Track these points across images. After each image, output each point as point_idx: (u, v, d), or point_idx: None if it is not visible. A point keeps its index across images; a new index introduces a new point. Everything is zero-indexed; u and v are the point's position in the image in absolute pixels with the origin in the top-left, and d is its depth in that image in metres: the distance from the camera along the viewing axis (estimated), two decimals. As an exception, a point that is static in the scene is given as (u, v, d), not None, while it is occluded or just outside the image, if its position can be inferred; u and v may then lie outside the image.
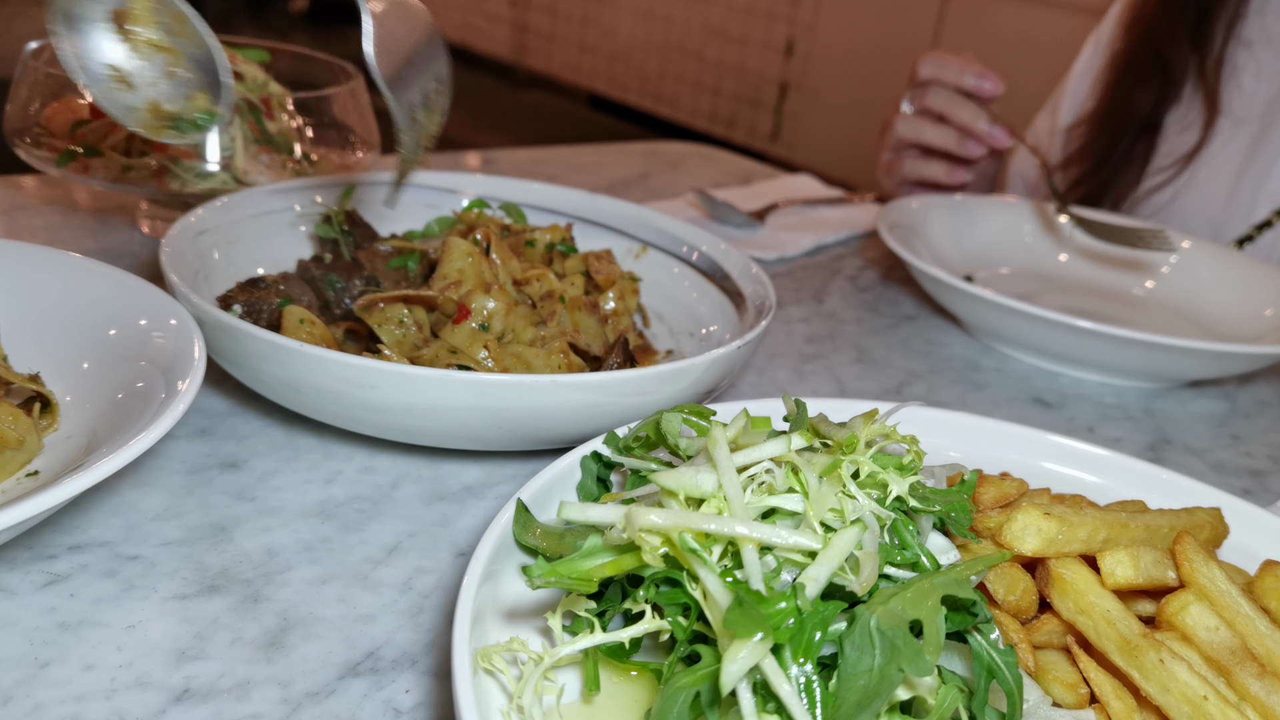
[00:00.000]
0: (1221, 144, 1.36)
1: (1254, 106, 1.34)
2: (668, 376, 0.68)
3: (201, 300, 0.67)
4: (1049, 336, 1.00)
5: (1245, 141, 1.34)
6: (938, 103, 1.32)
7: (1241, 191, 1.34)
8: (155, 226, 1.07)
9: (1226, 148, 1.35)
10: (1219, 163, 1.36)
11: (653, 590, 0.46)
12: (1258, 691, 0.48)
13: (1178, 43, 1.35)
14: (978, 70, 1.30)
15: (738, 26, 5.35)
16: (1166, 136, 1.39)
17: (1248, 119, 1.34)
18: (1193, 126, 1.37)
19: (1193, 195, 1.37)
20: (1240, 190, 1.34)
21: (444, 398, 0.64)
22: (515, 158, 1.60)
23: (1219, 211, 1.36)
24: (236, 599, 0.58)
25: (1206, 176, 1.36)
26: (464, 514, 0.68)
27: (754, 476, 0.49)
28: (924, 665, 0.41)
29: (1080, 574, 0.53)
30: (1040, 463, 0.71)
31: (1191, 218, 1.37)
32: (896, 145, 1.41)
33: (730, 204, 1.37)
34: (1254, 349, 0.96)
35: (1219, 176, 1.36)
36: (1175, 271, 1.28)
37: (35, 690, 0.50)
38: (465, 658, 0.44)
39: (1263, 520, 0.65)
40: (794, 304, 1.15)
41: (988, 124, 1.29)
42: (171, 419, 0.56)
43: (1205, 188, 1.36)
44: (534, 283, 0.83)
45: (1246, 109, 1.35)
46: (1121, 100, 1.41)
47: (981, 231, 1.33)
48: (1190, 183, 1.37)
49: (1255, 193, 1.33)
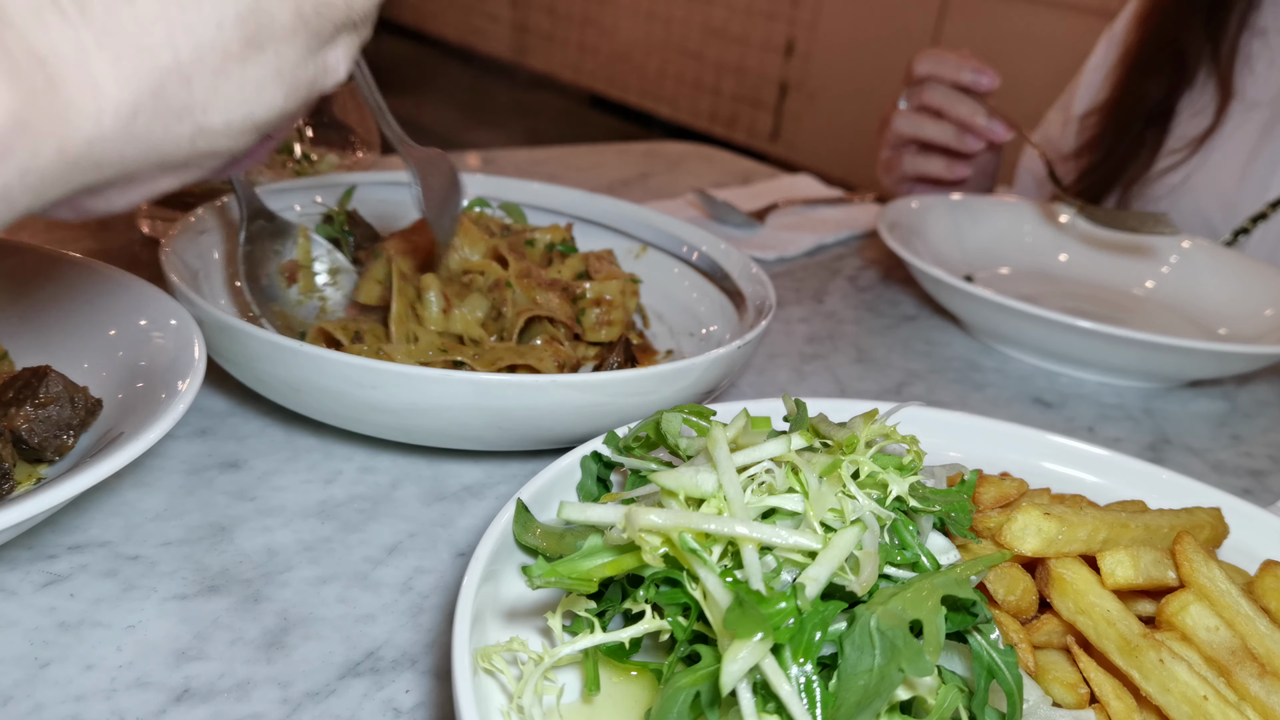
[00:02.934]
0: (1234, 127, 1.37)
1: (1267, 91, 1.36)
2: (668, 376, 0.68)
3: (201, 300, 0.67)
4: (1049, 336, 1.00)
5: (1258, 125, 1.36)
6: (935, 98, 1.32)
7: (1254, 172, 1.35)
8: (155, 226, 1.07)
9: (1239, 131, 1.36)
10: (1231, 145, 1.37)
11: (653, 590, 0.46)
12: (1258, 691, 0.48)
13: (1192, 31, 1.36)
14: (974, 65, 1.30)
15: (738, 26, 5.35)
16: (1179, 122, 1.40)
17: (1261, 103, 1.36)
18: (1205, 111, 1.38)
19: (1205, 177, 1.38)
20: (1253, 171, 1.35)
21: (444, 397, 0.64)
22: (515, 158, 1.60)
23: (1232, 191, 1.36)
24: (236, 599, 0.58)
25: (1219, 159, 1.37)
26: (464, 514, 0.68)
27: (754, 476, 0.49)
28: (924, 665, 0.41)
29: (1080, 574, 0.53)
30: (1040, 463, 0.71)
31: (1204, 198, 1.38)
32: (895, 142, 1.41)
33: (730, 204, 1.38)
34: (1254, 349, 0.96)
35: (1231, 159, 1.37)
36: (1175, 271, 1.28)
37: (35, 690, 0.50)
38: (465, 658, 0.44)
39: (1263, 520, 0.65)
40: (794, 304, 1.15)
41: (986, 118, 1.29)
42: (171, 419, 0.56)
43: (1217, 170, 1.37)
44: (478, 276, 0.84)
45: (1260, 93, 1.36)
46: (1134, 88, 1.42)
47: (982, 231, 1.33)
48: (1202, 165, 1.38)
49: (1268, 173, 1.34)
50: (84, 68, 0.34)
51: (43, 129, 0.33)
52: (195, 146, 0.40)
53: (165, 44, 0.36)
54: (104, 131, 0.35)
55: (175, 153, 0.39)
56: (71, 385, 0.62)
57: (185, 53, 0.37)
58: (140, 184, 0.40)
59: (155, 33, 0.36)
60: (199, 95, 0.38)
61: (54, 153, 0.34)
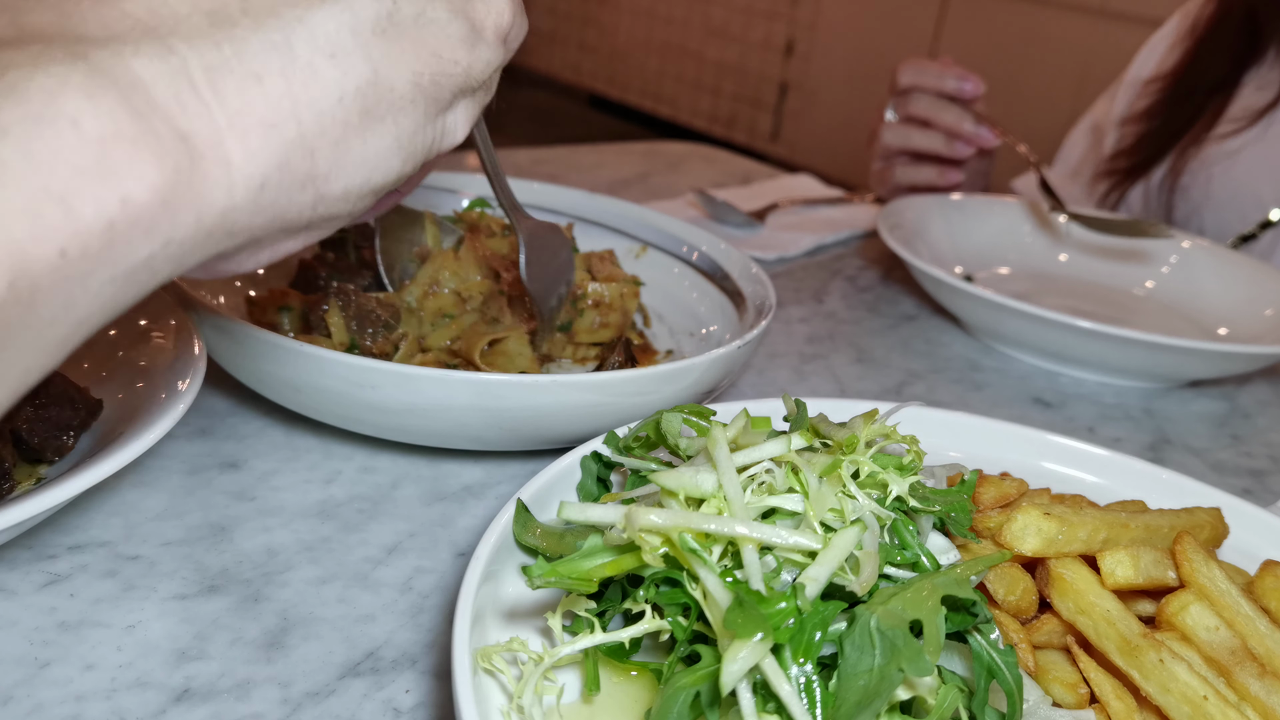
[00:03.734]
0: None
1: None
2: (668, 376, 0.68)
3: (201, 300, 0.67)
4: (1049, 336, 1.00)
5: None
6: (920, 108, 1.33)
7: None
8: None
9: None
10: None
11: (653, 590, 0.46)
12: (1258, 691, 0.48)
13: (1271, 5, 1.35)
14: (958, 73, 1.31)
15: (738, 26, 5.36)
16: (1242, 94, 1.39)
17: None
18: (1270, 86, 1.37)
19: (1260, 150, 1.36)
20: None
21: (444, 398, 0.64)
22: (515, 158, 1.60)
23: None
24: (236, 599, 0.58)
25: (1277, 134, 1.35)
26: (464, 514, 0.68)
27: (754, 476, 0.49)
28: (924, 665, 0.41)
29: (1080, 574, 0.53)
30: (1040, 463, 0.71)
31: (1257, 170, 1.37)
32: (885, 154, 1.42)
33: (730, 204, 1.38)
34: (1254, 349, 0.96)
35: None
36: (1175, 272, 1.28)
37: (35, 690, 0.50)
38: (465, 658, 0.44)
39: (1263, 520, 0.65)
40: (794, 304, 1.15)
41: (973, 125, 1.30)
42: (171, 419, 0.56)
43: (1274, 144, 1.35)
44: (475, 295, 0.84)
45: None
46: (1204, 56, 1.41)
47: (981, 231, 1.33)
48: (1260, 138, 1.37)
49: None
50: (219, 146, 0.36)
51: (184, 203, 0.35)
52: (316, 212, 0.42)
53: (290, 119, 0.39)
54: (235, 203, 0.38)
55: (298, 219, 0.42)
56: (72, 385, 0.62)
57: (309, 126, 0.39)
58: (265, 247, 0.43)
59: (281, 109, 0.38)
60: (321, 166, 0.40)
61: (192, 225, 0.36)
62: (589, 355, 0.87)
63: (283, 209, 0.40)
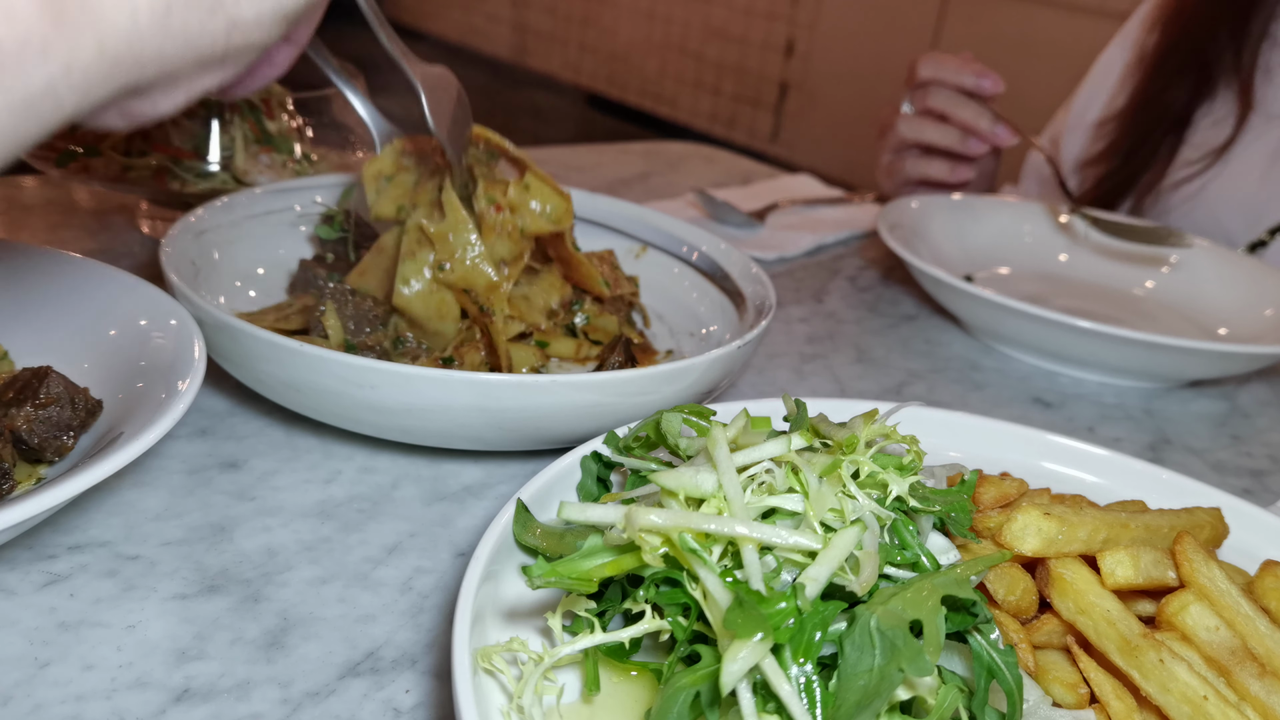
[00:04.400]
0: (1253, 139, 1.36)
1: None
2: (668, 376, 0.68)
3: (201, 300, 0.67)
4: (1049, 336, 1.00)
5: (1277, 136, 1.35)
6: (939, 103, 1.32)
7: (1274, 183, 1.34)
8: (155, 226, 1.07)
9: (1258, 142, 1.36)
10: (1250, 155, 1.36)
11: (653, 590, 0.46)
12: (1258, 691, 0.48)
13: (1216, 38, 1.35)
14: (977, 69, 1.30)
15: (738, 26, 5.35)
16: (1196, 130, 1.39)
17: None
18: (1223, 122, 1.37)
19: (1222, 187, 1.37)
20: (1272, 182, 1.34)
21: (444, 398, 0.64)
22: (515, 158, 1.59)
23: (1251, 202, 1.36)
24: (236, 599, 0.58)
25: (1237, 170, 1.36)
26: (464, 514, 0.68)
27: (754, 476, 0.49)
28: (924, 665, 0.41)
29: (1080, 574, 0.53)
30: (1040, 463, 0.71)
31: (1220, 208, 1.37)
32: (897, 146, 1.41)
33: (730, 204, 1.38)
34: (1254, 349, 0.96)
35: (1250, 170, 1.36)
36: (1176, 271, 1.28)
37: (35, 690, 0.50)
38: (465, 658, 0.44)
39: (1263, 520, 0.65)
40: (794, 304, 1.15)
41: (991, 122, 1.29)
42: (171, 419, 0.56)
43: (1236, 180, 1.36)
44: None
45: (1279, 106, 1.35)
46: (1155, 96, 1.41)
47: (982, 231, 1.33)
48: (1219, 175, 1.37)
49: None
50: None
51: (80, 24, 0.35)
52: (230, 40, 0.41)
53: None
54: (140, 27, 0.37)
55: (212, 47, 0.41)
56: (72, 386, 0.62)
57: None
58: (182, 83, 0.42)
59: None
60: None
61: (94, 50, 0.36)
62: (589, 355, 0.87)
63: (194, 35, 0.39)
